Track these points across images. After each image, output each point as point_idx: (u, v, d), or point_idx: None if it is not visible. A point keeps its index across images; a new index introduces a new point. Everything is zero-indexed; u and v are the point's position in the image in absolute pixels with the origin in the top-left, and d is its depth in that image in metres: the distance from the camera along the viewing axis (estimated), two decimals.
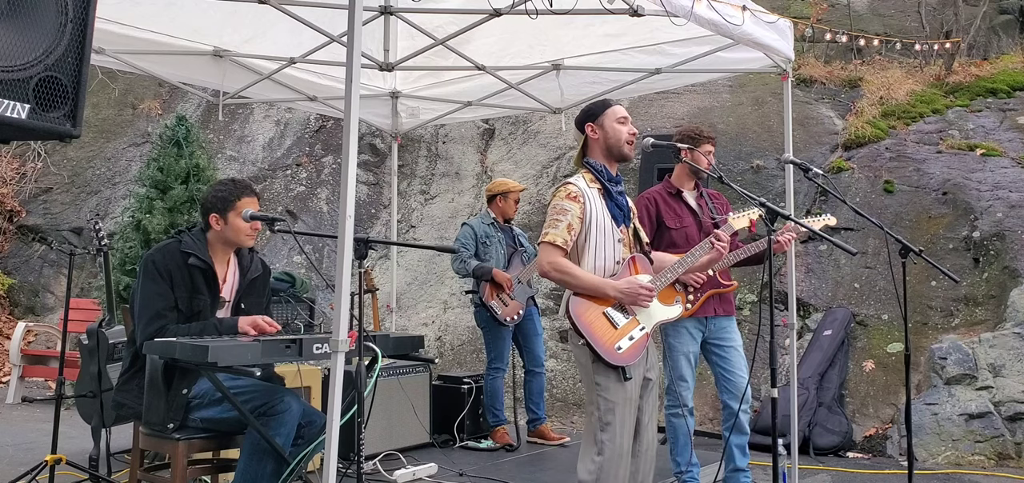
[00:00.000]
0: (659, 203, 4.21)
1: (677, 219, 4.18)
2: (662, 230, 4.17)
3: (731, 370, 4.17)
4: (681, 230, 4.14)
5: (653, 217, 4.18)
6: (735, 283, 4.30)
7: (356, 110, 2.81)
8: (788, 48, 4.66)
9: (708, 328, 4.20)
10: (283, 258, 9.24)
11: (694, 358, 4.21)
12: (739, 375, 4.16)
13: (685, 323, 4.13)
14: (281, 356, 3.06)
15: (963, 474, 5.27)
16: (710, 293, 4.15)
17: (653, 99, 8.98)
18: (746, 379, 4.16)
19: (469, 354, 7.98)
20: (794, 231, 3.93)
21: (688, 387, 4.17)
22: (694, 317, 4.14)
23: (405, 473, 4.90)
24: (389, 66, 5.13)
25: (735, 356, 4.18)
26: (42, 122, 2.03)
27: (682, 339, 4.16)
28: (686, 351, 4.16)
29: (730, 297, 4.27)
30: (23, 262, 10.25)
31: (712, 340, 4.22)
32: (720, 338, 4.20)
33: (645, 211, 4.17)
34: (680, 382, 4.15)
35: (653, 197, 4.25)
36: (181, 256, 3.29)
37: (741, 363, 4.18)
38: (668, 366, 4.20)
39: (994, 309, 6.34)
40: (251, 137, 10.74)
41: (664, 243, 4.07)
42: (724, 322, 4.22)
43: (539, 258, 3.05)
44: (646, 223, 4.14)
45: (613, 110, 3.14)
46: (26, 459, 4.90)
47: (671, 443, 4.30)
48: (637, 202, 4.28)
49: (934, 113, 8.49)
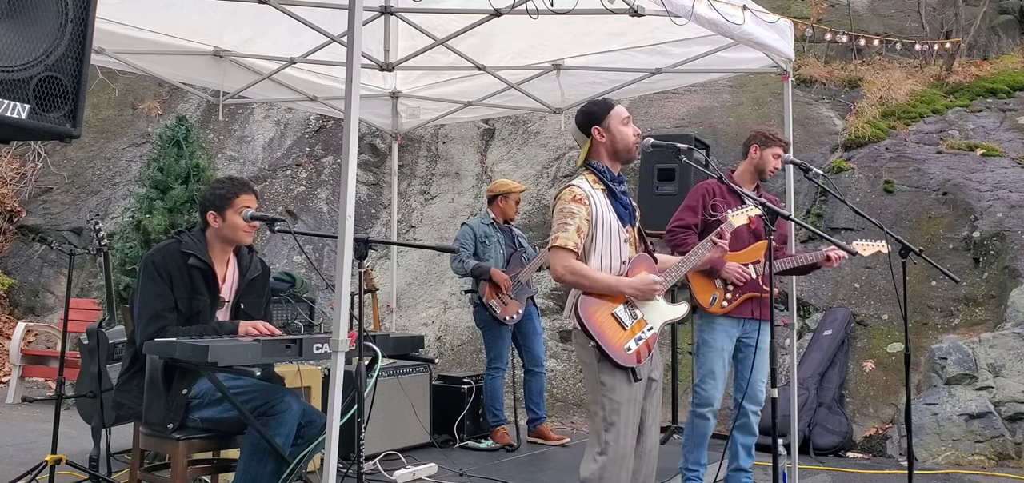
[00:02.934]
0: (717, 195, 4.16)
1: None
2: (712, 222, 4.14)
3: (753, 375, 4.12)
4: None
5: (708, 207, 4.14)
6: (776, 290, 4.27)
7: (356, 110, 2.81)
8: (788, 48, 4.66)
9: (744, 329, 4.19)
10: (283, 258, 9.24)
11: (728, 358, 4.18)
12: (759, 382, 4.15)
13: (722, 322, 4.11)
14: (281, 356, 3.06)
15: (963, 474, 5.27)
16: (749, 296, 4.12)
17: (653, 99, 8.98)
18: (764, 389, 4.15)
19: (469, 354, 7.98)
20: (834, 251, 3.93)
21: (717, 385, 4.13)
22: (731, 317, 4.12)
23: (405, 473, 4.90)
24: (389, 66, 5.13)
25: (762, 359, 4.12)
26: (42, 122, 2.02)
27: (718, 337, 4.13)
28: (721, 348, 4.14)
29: (768, 302, 4.25)
30: (23, 262, 10.25)
31: (745, 340, 4.20)
32: (751, 339, 4.16)
33: (701, 200, 4.16)
34: (709, 379, 4.12)
35: (712, 188, 4.20)
36: (181, 256, 3.28)
37: (765, 369, 4.13)
38: (698, 362, 4.18)
39: (994, 309, 6.34)
40: (251, 137, 10.74)
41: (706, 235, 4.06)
42: (761, 327, 4.16)
43: (551, 263, 3.04)
44: (699, 211, 4.12)
45: (617, 111, 3.12)
46: (26, 459, 4.90)
47: (686, 438, 4.28)
48: (695, 189, 4.28)
49: (934, 113, 8.50)
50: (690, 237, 4.01)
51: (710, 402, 4.14)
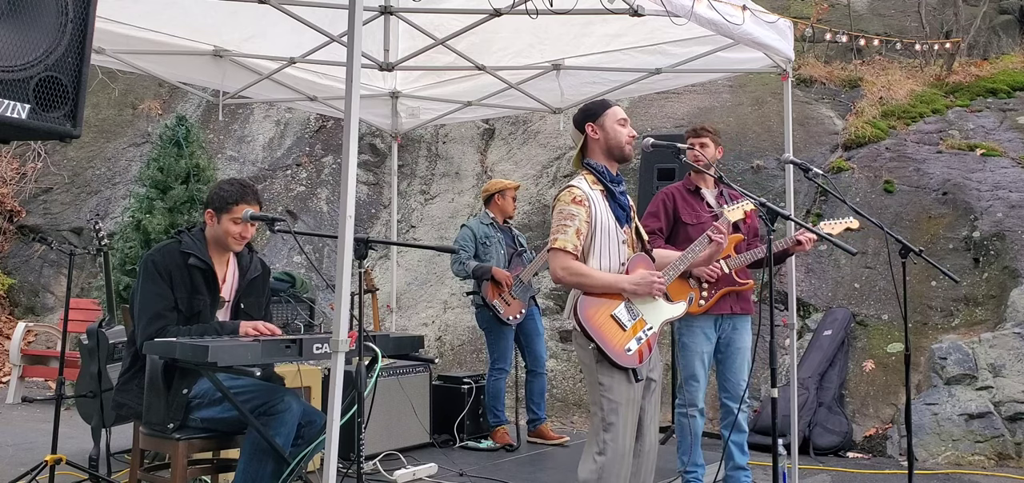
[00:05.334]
0: (676, 198, 4.24)
1: (694, 215, 4.19)
2: (679, 225, 4.18)
3: (733, 373, 4.18)
4: (698, 226, 4.14)
5: (670, 212, 4.20)
6: (752, 282, 4.28)
7: (356, 110, 2.81)
8: (788, 48, 4.65)
9: (722, 327, 4.20)
10: (283, 258, 9.24)
11: (709, 358, 4.20)
12: (739, 380, 4.17)
13: (699, 322, 4.12)
14: (281, 356, 3.06)
15: (963, 474, 5.27)
16: (726, 290, 4.13)
17: (653, 99, 8.98)
18: (745, 383, 4.17)
19: (469, 354, 7.98)
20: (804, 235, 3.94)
21: (699, 387, 4.16)
22: (709, 315, 4.13)
23: (405, 473, 4.90)
24: (389, 66, 5.13)
25: (740, 359, 4.18)
26: (42, 122, 2.03)
27: (696, 338, 4.15)
28: (700, 351, 4.15)
29: (747, 295, 4.26)
30: (23, 262, 10.25)
31: (723, 339, 4.22)
32: (730, 339, 4.20)
33: (662, 206, 4.20)
34: (691, 382, 4.15)
35: (672, 193, 4.28)
36: (181, 256, 3.28)
37: (744, 367, 4.18)
38: (680, 365, 4.20)
39: (994, 309, 6.34)
40: (251, 137, 10.74)
41: (680, 238, 4.08)
42: (738, 322, 4.21)
43: (550, 264, 3.05)
44: (663, 218, 4.15)
45: (613, 111, 3.15)
46: (26, 459, 4.90)
47: (679, 441, 4.29)
48: (656, 198, 4.31)
49: (934, 113, 8.49)
50: (656, 242, 4.02)
51: (693, 402, 4.17)
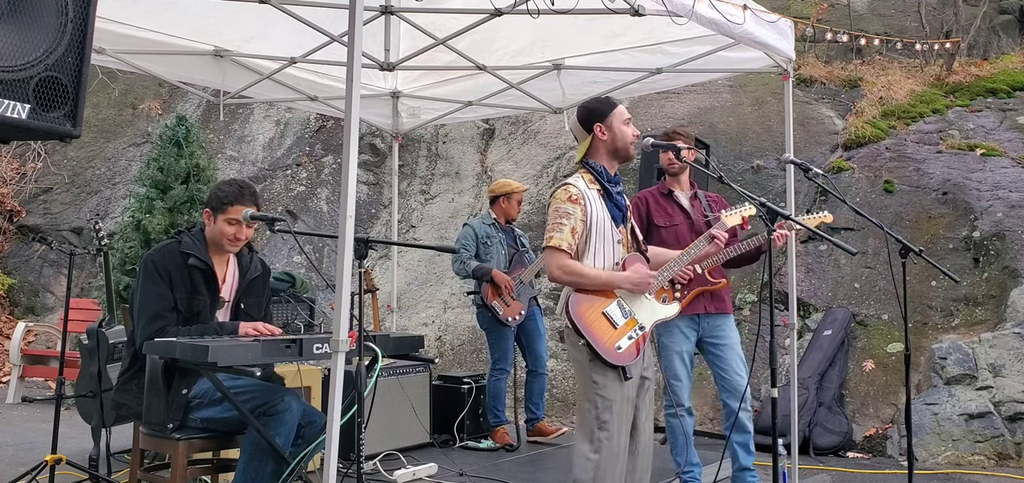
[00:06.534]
0: (650, 203, 4.26)
1: (667, 218, 4.20)
2: (652, 229, 4.19)
3: (727, 370, 4.16)
4: (671, 228, 4.16)
5: (644, 216, 4.22)
6: (725, 281, 4.28)
7: (357, 110, 2.81)
8: (789, 48, 4.65)
9: (702, 326, 4.20)
10: (283, 258, 9.24)
11: (689, 357, 4.20)
12: (737, 375, 4.14)
13: (676, 321, 4.10)
14: (281, 356, 3.06)
15: (963, 474, 5.27)
16: (699, 290, 4.14)
17: (653, 99, 8.98)
18: (745, 378, 4.14)
19: (469, 354, 7.98)
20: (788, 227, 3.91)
21: (683, 386, 4.17)
22: (685, 315, 4.12)
23: (405, 473, 4.90)
24: (390, 66, 5.13)
25: (731, 355, 4.16)
26: (42, 122, 2.02)
27: (674, 338, 4.15)
28: (679, 350, 4.16)
29: (722, 295, 4.24)
30: (23, 262, 10.25)
31: (708, 339, 4.21)
32: (716, 337, 4.19)
33: (636, 210, 4.20)
34: (674, 381, 4.15)
35: (645, 197, 4.31)
36: (181, 256, 3.28)
37: (738, 362, 4.16)
38: (661, 366, 4.20)
39: (994, 309, 6.34)
40: (251, 137, 10.74)
41: (653, 242, 4.07)
42: (718, 320, 4.20)
43: (546, 263, 3.05)
44: (638, 223, 4.16)
45: (619, 111, 3.12)
46: (26, 459, 4.90)
47: (671, 443, 4.29)
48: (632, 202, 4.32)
49: (934, 113, 8.50)
50: None
51: (679, 402, 4.17)
